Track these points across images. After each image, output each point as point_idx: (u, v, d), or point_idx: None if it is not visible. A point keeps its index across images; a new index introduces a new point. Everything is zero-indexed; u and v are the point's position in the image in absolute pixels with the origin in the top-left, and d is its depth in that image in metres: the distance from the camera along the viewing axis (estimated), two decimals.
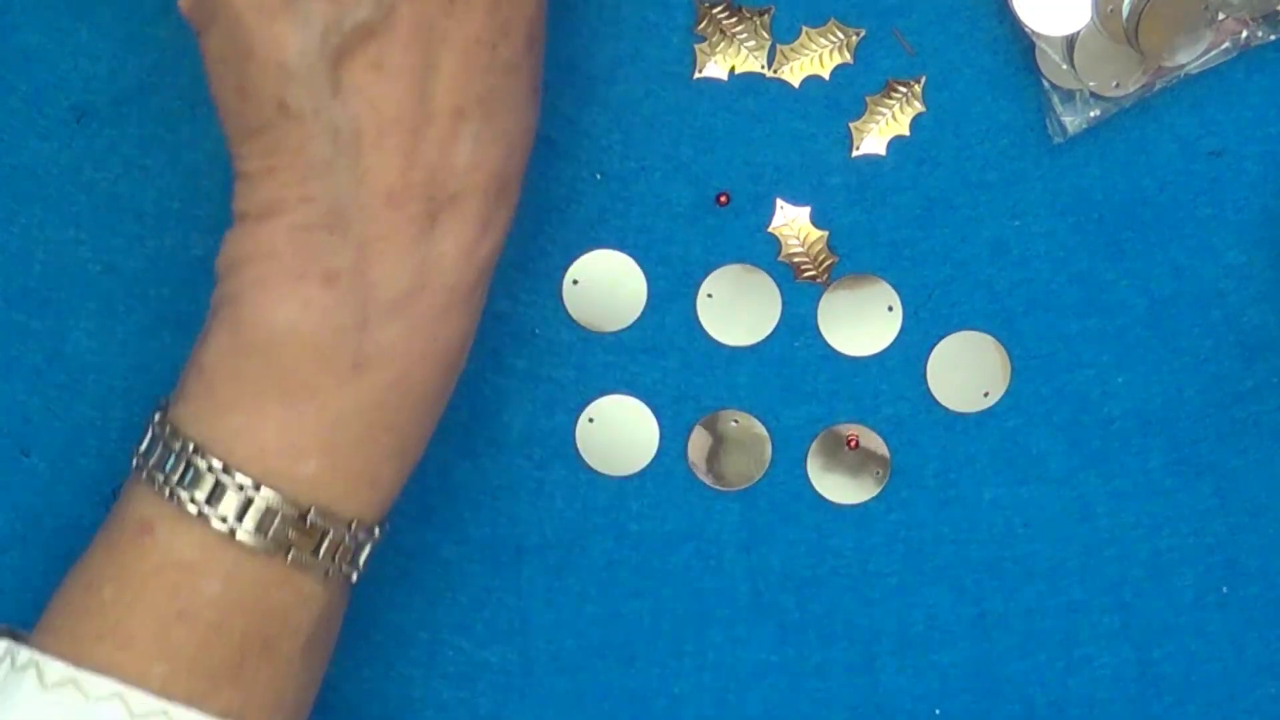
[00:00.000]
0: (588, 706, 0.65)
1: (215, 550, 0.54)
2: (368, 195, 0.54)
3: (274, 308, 0.54)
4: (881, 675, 0.65)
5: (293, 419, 0.55)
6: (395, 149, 0.54)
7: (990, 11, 0.63)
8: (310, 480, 0.55)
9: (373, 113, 0.54)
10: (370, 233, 0.54)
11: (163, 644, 0.54)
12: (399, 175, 0.54)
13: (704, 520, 0.65)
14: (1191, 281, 0.64)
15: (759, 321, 0.64)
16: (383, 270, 0.54)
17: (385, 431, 0.56)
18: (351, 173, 0.54)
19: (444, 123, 0.54)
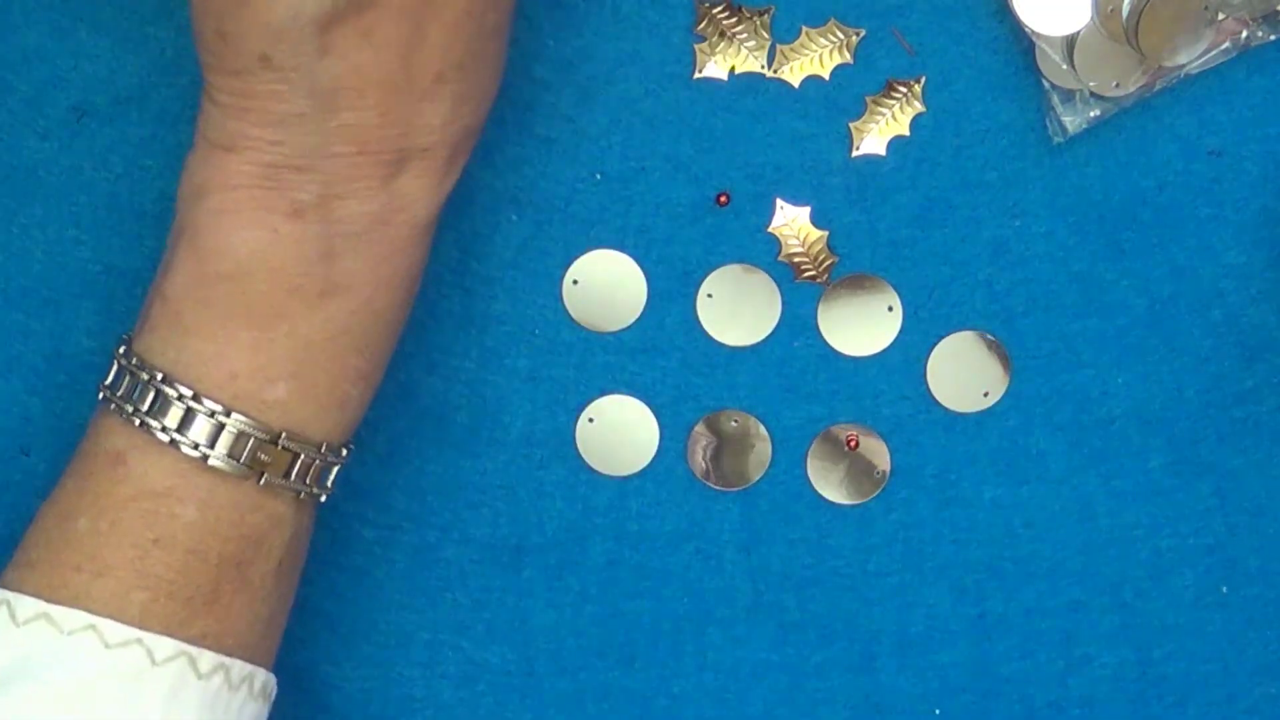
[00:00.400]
0: (588, 706, 0.65)
1: (189, 476, 0.55)
2: (340, 145, 0.55)
3: (241, 236, 0.55)
4: (881, 675, 0.65)
5: (262, 345, 0.55)
6: (372, 108, 0.55)
7: (990, 11, 0.63)
8: (280, 404, 0.55)
9: (355, 76, 0.54)
10: (339, 174, 0.55)
11: (140, 572, 0.55)
12: (373, 131, 0.55)
13: (704, 520, 0.65)
14: (1191, 281, 0.64)
15: (759, 321, 0.64)
16: (348, 207, 0.55)
17: (352, 354, 0.56)
18: (324, 125, 0.54)
19: (424, 86, 0.55)
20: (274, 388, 0.55)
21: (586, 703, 0.65)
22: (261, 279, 0.55)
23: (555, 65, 0.64)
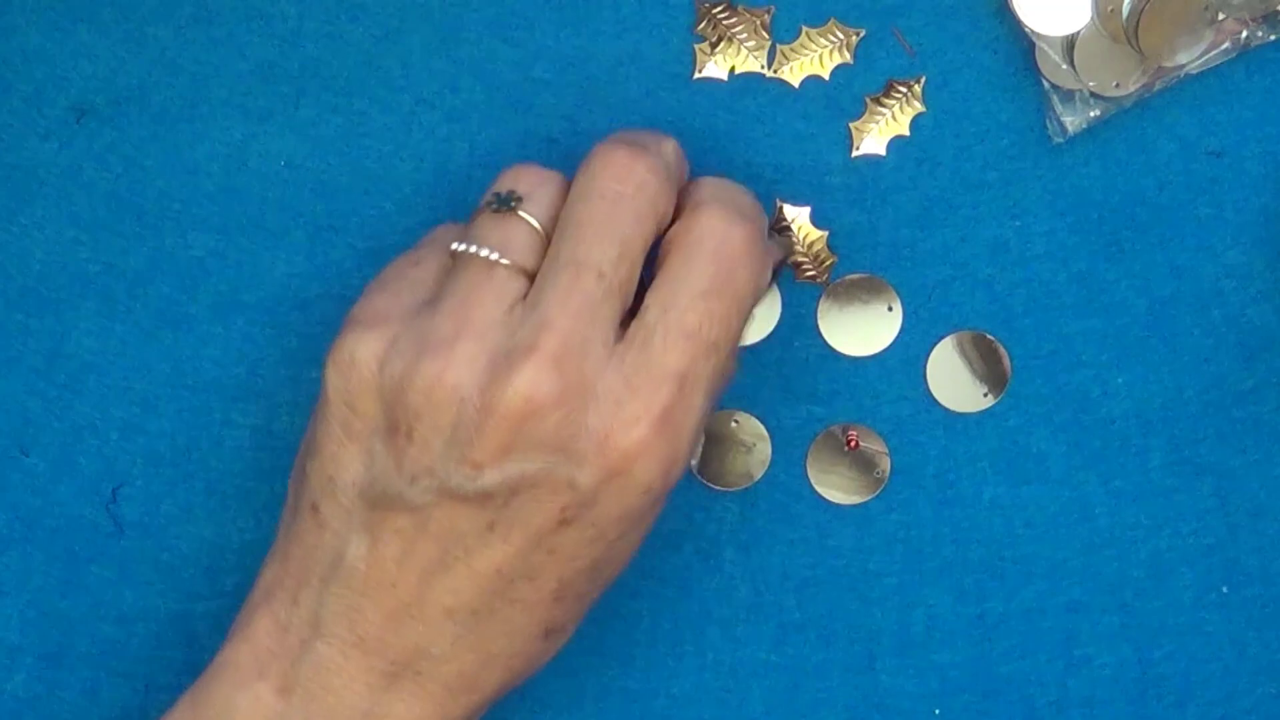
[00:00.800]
0: (588, 706, 0.65)
1: None
2: (341, 630, 0.56)
3: (230, 694, 0.56)
4: (881, 675, 0.65)
5: None
6: (379, 606, 0.56)
7: (990, 11, 0.63)
8: None
9: (376, 565, 0.56)
10: (330, 663, 0.56)
11: None
12: (373, 629, 0.56)
13: (704, 520, 0.65)
14: (1191, 281, 0.64)
15: (759, 321, 0.64)
16: (329, 706, 0.56)
17: None
18: (337, 603, 0.56)
19: (431, 612, 0.56)
20: None
21: (586, 703, 0.65)
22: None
23: (555, 65, 0.64)
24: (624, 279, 0.55)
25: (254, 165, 0.64)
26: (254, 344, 0.64)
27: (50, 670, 0.65)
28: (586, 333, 0.55)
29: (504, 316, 0.55)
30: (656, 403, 0.55)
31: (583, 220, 0.56)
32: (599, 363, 0.55)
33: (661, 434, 0.55)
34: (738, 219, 0.56)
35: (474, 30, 0.64)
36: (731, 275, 0.56)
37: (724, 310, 0.56)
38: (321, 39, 0.64)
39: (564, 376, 0.54)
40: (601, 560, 0.57)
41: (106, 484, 0.65)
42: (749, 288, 0.57)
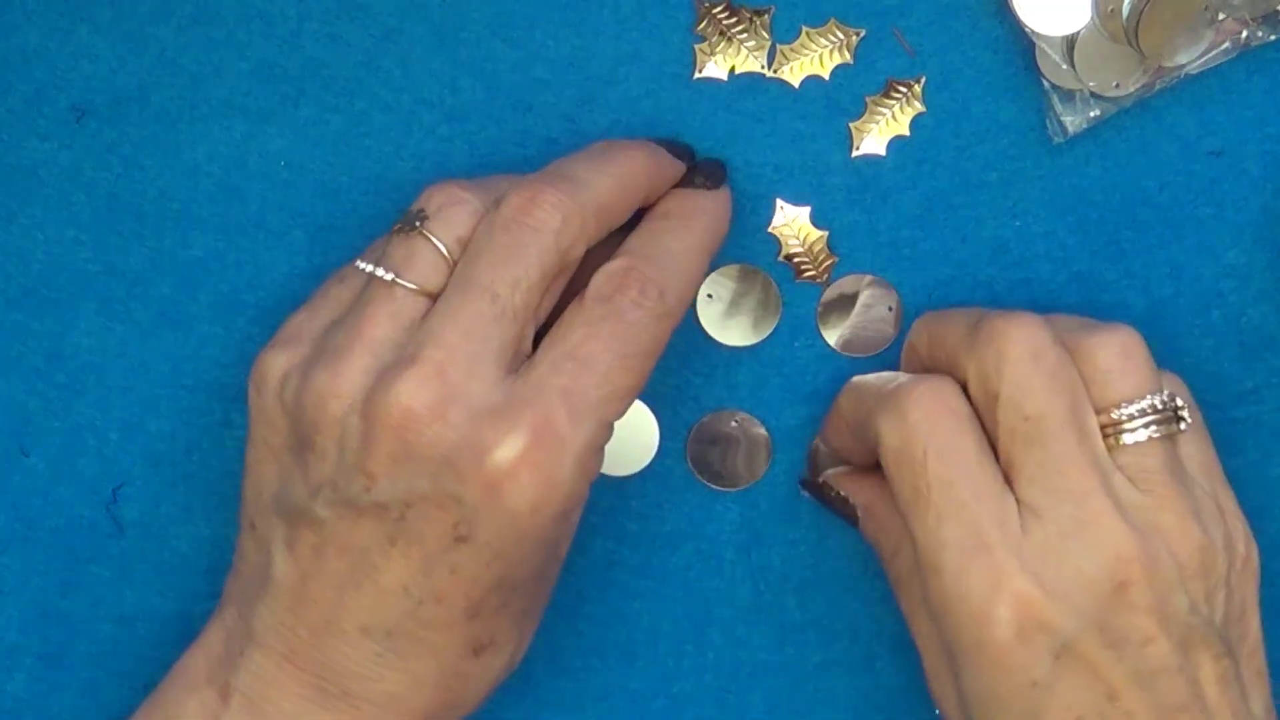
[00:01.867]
0: (588, 706, 0.65)
1: None
2: (275, 642, 0.57)
3: (182, 697, 0.58)
4: (881, 675, 0.65)
5: None
6: (303, 621, 0.57)
7: (990, 11, 0.63)
8: None
9: (297, 580, 0.57)
10: (267, 674, 0.57)
11: None
12: (302, 644, 0.57)
13: (704, 520, 0.65)
14: (1191, 281, 0.64)
15: (759, 321, 0.64)
16: (266, 714, 0.57)
17: None
18: (270, 616, 0.57)
19: (349, 630, 0.56)
20: None
21: (586, 703, 0.65)
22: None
23: (555, 65, 0.64)
24: (519, 306, 0.56)
25: (254, 165, 0.64)
26: (254, 344, 0.64)
27: (50, 670, 0.65)
28: (474, 350, 0.55)
29: (398, 334, 0.56)
30: (532, 421, 0.55)
31: (484, 247, 0.56)
32: (486, 382, 0.55)
33: (536, 453, 0.54)
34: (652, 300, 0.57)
35: (474, 30, 0.64)
36: (630, 330, 0.56)
37: (618, 347, 0.56)
38: (321, 39, 0.64)
39: (444, 389, 0.54)
40: (509, 580, 0.56)
41: (106, 484, 0.65)
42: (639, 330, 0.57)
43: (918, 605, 0.59)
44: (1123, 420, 0.56)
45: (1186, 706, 0.55)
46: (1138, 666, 0.54)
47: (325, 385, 0.56)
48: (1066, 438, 0.55)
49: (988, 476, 0.55)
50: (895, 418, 0.56)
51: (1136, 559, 0.54)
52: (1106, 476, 0.55)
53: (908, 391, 0.57)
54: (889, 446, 0.57)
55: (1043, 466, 0.55)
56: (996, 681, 0.54)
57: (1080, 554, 0.54)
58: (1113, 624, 0.54)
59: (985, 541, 0.54)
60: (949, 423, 0.56)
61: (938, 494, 0.55)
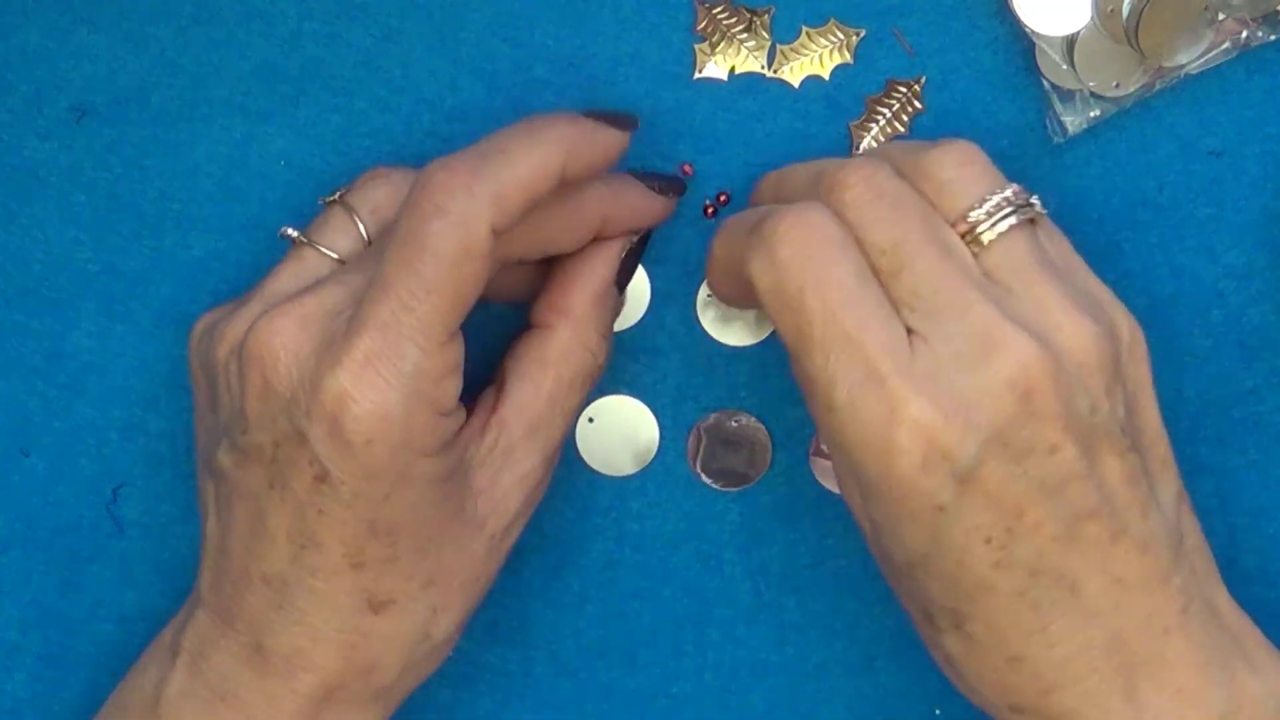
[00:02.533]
0: (588, 706, 0.65)
1: None
2: (212, 599, 0.58)
3: (148, 662, 0.60)
4: (881, 675, 0.65)
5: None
6: (225, 575, 0.58)
7: (990, 11, 0.63)
8: None
9: (216, 533, 0.58)
10: (207, 633, 0.58)
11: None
12: (226, 599, 0.57)
13: (704, 520, 0.65)
14: (1191, 281, 0.64)
15: (759, 321, 0.64)
16: (204, 673, 0.58)
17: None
18: (207, 573, 0.58)
19: (255, 581, 0.57)
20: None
21: (586, 703, 0.65)
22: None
23: (555, 65, 0.64)
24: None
25: (254, 165, 0.64)
26: None
27: (50, 670, 0.65)
28: (337, 302, 0.56)
29: (293, 287, 0.58)
30: (354, 349, 0.54)
31: (385, 238, 0.56)
32: (342, 321, 0.55)
33: (362, 380, 0.54)
34: (460, 202, 0.55)
35: (474, 30, 0.64)
36: (431, 240, 0.55)
37: (428, 269, 0.54)
38: (321, 39, 0.64)
39: (302, 326, 0.55)
40: (382, 524, 0.56)
41: (106, 484, 0.65)
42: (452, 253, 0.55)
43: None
44: (979, 221, 0.54)
45: (1096, 511, 0.53)
46: (1044, 477, 0.53)
47: (219, 333, 0.57)
48: (928, 254, 0.53)
49: (871, 303, 0.53)
50: (765, 257, 0.54)
51: (1037, 363, 0.52)
52: (983, 287, 0.54)
53: (774, 227, 0.54)
54: (764, 289, 0.54)
55: (916, 291, 0.53)
56: (901, 508, 0.53)
57: (978, 369, 0.52)
58: (1017, 437, 0.52)
59: (877, 371, 0.52)
60: (823, 253, 0.53)
61: (820, 329, 0.53)
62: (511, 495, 0.59)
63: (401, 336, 0.54)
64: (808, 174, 0.57)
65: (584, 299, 0.60)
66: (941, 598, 0.54)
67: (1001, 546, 0.53)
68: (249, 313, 0.57)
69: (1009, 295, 0.54)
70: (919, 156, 0.56)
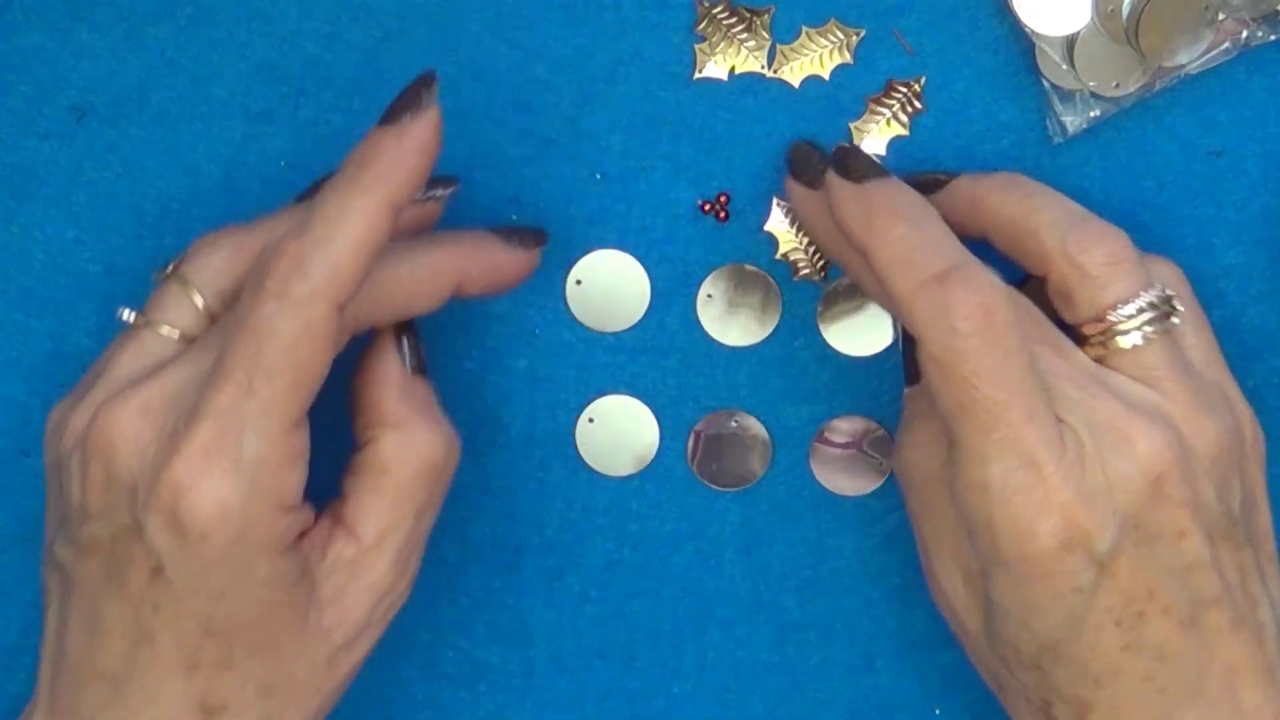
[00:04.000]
0: (588, 706, 0.65)
1: None
2: (45, 697, 0.58)
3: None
4: (881, 675, 0.65)
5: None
6: (59, 675, 0.57)
7: (990, 11, 0.63)
8: None
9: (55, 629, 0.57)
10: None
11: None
12: (61, 698, 0.56)
13: (704, 520, 0.65)
14: (1191, 281, 0.64)
15: (759, 321, 0.64)
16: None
17: None
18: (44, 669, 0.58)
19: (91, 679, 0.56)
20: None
21: (586, 703, 0.65)
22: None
23: (555, 65, 0.64)
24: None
25: (254, 165, 0.64)
26: None
27: None
28: (178, 388, 0.54)
29: (136, 372, 0.56)
30: (193, 439, 0.53)
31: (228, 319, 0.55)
32: (185, 410, 0.54)
33: (201, 468, 0.53)
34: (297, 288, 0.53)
35: (474, 30, 0.64)
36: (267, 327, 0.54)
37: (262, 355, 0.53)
38: (321, 39, 0.64)
39: (144, 415, 0.54)
40: (218, 623, 0.54)
41: None
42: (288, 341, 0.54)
43: (934, 502, 0.58)
44: (1118, 324, 0.56)
45: (1218, 598, 0.55)
46: (1171, 562, 0.54)
47: (62, 422, 0.56)
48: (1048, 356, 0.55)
49: (1037, 392, 0.54)
50: (942, 325, 0.54)
51: (1167, 451, 0.54)
52: (1107, 381, 0.55)
53: (959, 292, 0.54)
54: (932, 355, 0.54)
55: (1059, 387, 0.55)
56: (1036, 591, 0.54)
57: (1114, 458, 0.54)
58: (1148, 521, 0.54)
59: (1034, 458, 0.53)
60: (1000, 344, 0.54)
61: (987, 412, 0.53)
62: (360, 604, 0.57)
63: (242, 424, 0.53)
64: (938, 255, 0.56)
65: (389, 401, 0.58)
66: (1068, 686, 0.55)
67: (1132, 629, 0.54)
68: (91, 401, 0.56)
69: (1138, 389, 0.56)
70: (1069, 240, 0.56)
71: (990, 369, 0.53)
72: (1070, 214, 0.57)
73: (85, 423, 0.55)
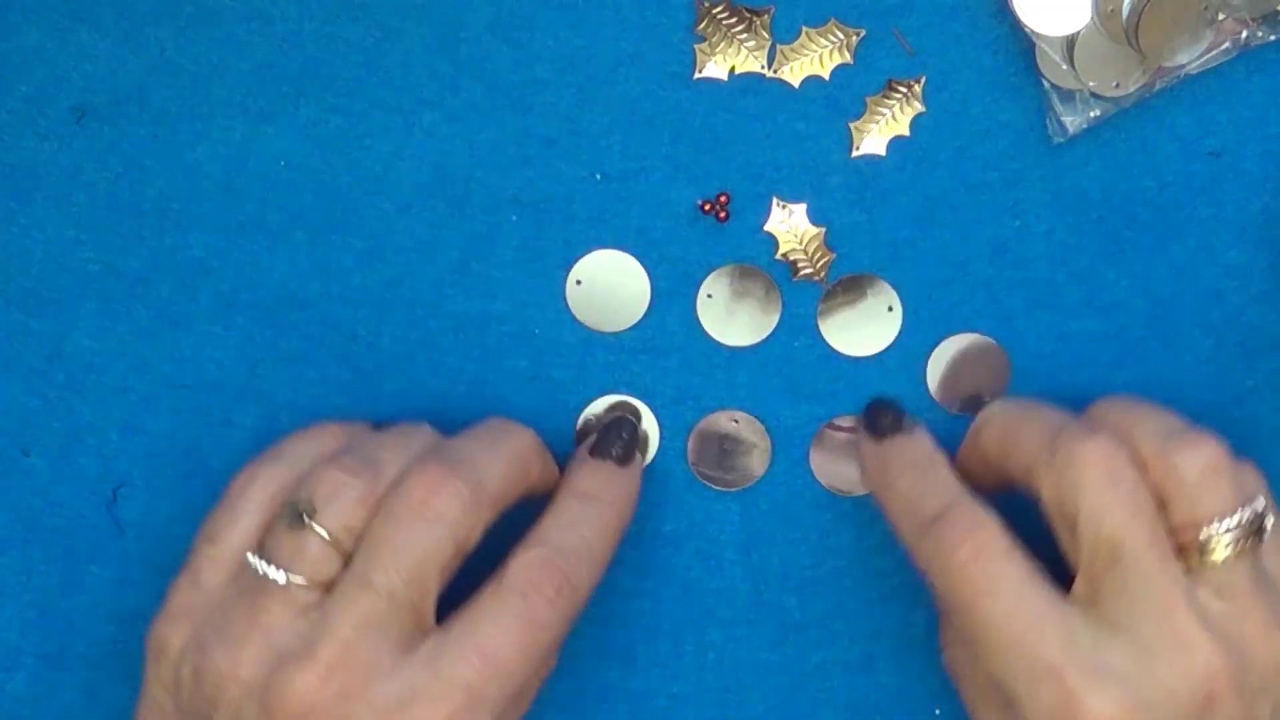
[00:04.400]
0: (588, 706, 0.65)
1: None
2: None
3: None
4: (881, 675, 0.65)
5: None
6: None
7: (990, 11, 0.63)
8: None
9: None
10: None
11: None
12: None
13: (704, 520, 0.65)
14: (1191, 281, 0.64)
15: (759, 321, 0.64)
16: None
17: None
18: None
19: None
20: None
21: (586, 703, 0.65)
22: None
23: (555, 65, 0.64)
24: (416, 596, 0.56)
25: (254, 165, 0.64)
26: (254, 344, 0.64)
27: (50, 670, 0.65)
28: (372, 643, 0.55)
29: (293, 621, 0.56)
30: (438, 712, 0.55)
31: (378, 540, 0.57)
32: (384, 672, 0.55)
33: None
34: (567, 596, 0.58)
35: (474, 30, 0.64)
36: (541, 624, 0.57)
37: (527, 641, 0.57)
38: (321, 39, 0.64)
39: (338, 682, 0.55)
40: None
41: (106, 484, 0.65)
42: (550, 628, 0.57)
43: (985, 687, 0.59)
44: (1210, 539, 0.56)
45: None
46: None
47: (224, 667, 0.56)
48: (1148, 559, 0.55)
49: (1042, 601, 0.55)
50: (940, 561, 0.57)
51: (1223, 672, 0.54)
52: (1189, 592, 0.55)
53: (948, 537, 0.57)
54: (938, 590, 0.57)
55: (1125, 585, 0.55)
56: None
57: (1167, 670, 0.54)
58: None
59: (1052, 665, 0.54)
60: (993, 567, 0.56)
61: (994, 631, 0.55)
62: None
63: (485, 707, 0.55)
64: (1043, 434, 0.58)
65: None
66: None
67: None
68: (255, 653, 0.56)
69: (1213, 601, 0.56)
70: (1169, 446, 0.57)
71: (987, 588, 0.55)
72: (1172, 423, 0.58)
73: (259, 676, 0.56)
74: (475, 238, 0.64)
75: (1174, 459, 0.57)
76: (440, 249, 0.64)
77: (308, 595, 0.57)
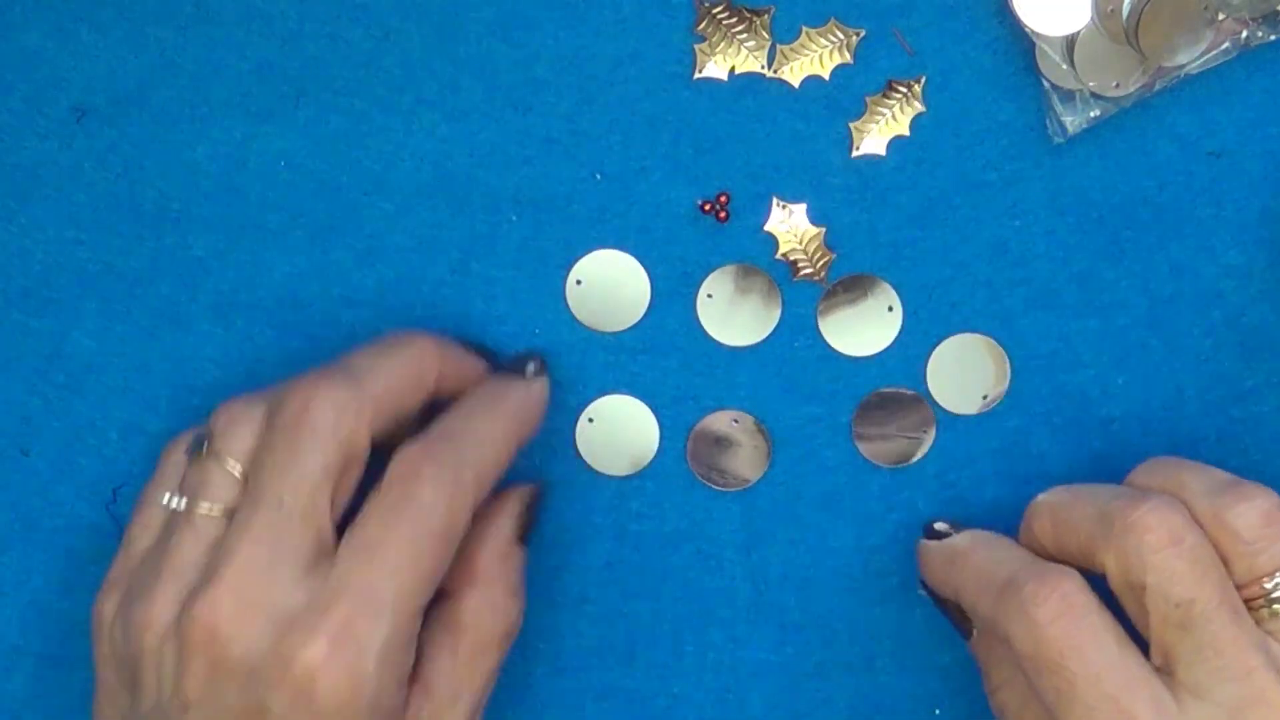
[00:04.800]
0: (588, 706, 0.65)
1: None
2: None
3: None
4: (881, 675, 0.65)
5: None
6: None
7: (990, 11, 0.63)
8: None
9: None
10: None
11: None
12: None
13: (704, 520, 0.65)
14: (1191, 281, 0.64)
15: (759, 321, 0.64)
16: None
17: None
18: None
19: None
20: None
21: (586, 703, 0.65)
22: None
23: (555, 65, 0.64)
24: (307, 506, 0.56)
25: (254, 165, 0.64)
26: (254, 344, 0.64)
27: (50, 670, 0.65)
28: (269, 558, 0.56)
29: (201, 556, 0.57)
30: (331, 623, 0.55)
31: (266, 456, 0.57)
32: (285, 587, 0.55)
33: (338, 655, 0.54)
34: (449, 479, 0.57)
35: (474, 30, 0.64)
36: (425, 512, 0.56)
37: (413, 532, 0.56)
38: (321, 39, 0.64)
39: (243, 601, 0.55)
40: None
41: (106, 484, 0.65)
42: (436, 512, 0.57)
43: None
44: (1273, 591, 0.56)
45: None
46: None
47: (140, 618, 0.56)
48: (1221, 618, 0.55)
49: (1132, 665, 0.55)
50: (1023, 621, 0.56)
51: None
52: (1265, 650, 0.55)
53: (1031, 595, 0.56)
54: (1021, 651, 0.56)
55: (1200, 649, 0.55)
56: None
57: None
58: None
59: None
60: (1081, 623, 0.55)
61: (1083, 689, 0.55)
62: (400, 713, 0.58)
63: (382, 605, 0.55)
64: (1095, 509, 0.58)
65: (487, 561, 0.60)
66: None
67: None
68: (167, 594, 0.56)
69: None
70: (1219, 504, 0.56)
71: (1075, 647, 0.55)
72: (1218, 479, 0.57)
73: (171, 616, 0.56)
74: (475, 238, 0.64)
75: (1226, 516, 0.56)
76: (440, 249, 0.64)
77: (214, 525, 0.57)
